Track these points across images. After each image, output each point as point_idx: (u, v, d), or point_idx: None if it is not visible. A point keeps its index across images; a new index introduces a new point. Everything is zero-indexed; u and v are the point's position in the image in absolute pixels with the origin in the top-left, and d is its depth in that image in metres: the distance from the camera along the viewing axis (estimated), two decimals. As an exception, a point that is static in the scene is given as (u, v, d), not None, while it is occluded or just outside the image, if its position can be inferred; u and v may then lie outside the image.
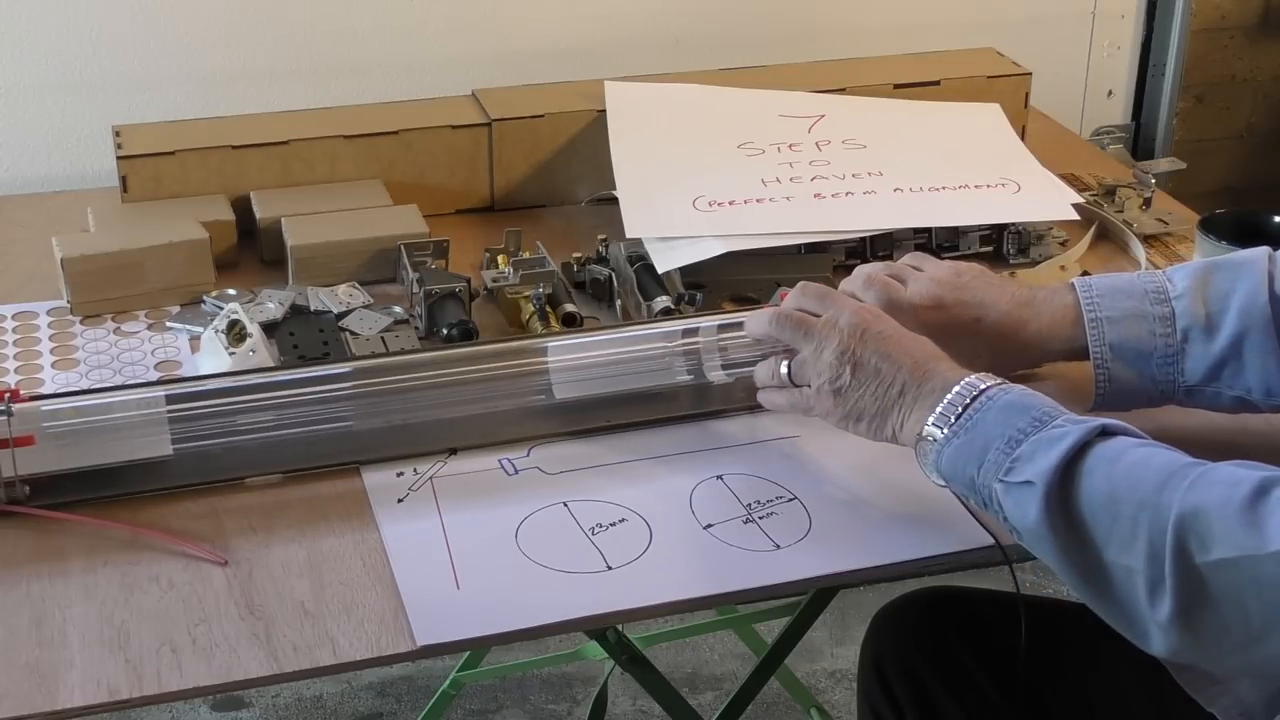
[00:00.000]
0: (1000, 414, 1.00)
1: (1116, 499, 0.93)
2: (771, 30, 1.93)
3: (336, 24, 1.80)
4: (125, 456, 1.11)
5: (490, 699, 2.12)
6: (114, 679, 0.95)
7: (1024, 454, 0.97)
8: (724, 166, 1.54)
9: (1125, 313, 1.14)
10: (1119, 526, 0.92)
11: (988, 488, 0.99)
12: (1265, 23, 2.13)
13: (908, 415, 1.05)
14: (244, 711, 2.11)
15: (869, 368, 1.08)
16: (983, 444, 0.99)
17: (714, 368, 1.21)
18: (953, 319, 1.17)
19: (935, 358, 1.07)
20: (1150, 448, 0.96)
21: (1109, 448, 0.96)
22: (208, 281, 1.41)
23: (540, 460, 1.17)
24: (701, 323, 1.22)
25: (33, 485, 1.09)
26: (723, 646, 2.22)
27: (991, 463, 0.98)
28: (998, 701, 1.24)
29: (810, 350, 1.11)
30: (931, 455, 1.03)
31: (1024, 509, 0.96)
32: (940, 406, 1.03)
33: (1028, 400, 1.01)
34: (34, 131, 1.76)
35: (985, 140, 1.63)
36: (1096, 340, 1.14)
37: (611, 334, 1.24)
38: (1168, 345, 1.13)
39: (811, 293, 1.14)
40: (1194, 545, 0.89)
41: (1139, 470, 0.93)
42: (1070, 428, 0.97)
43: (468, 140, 1.59)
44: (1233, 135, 2.19)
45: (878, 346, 1.08)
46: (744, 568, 1.06)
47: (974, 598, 1.32)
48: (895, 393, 1.06)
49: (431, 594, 1.02)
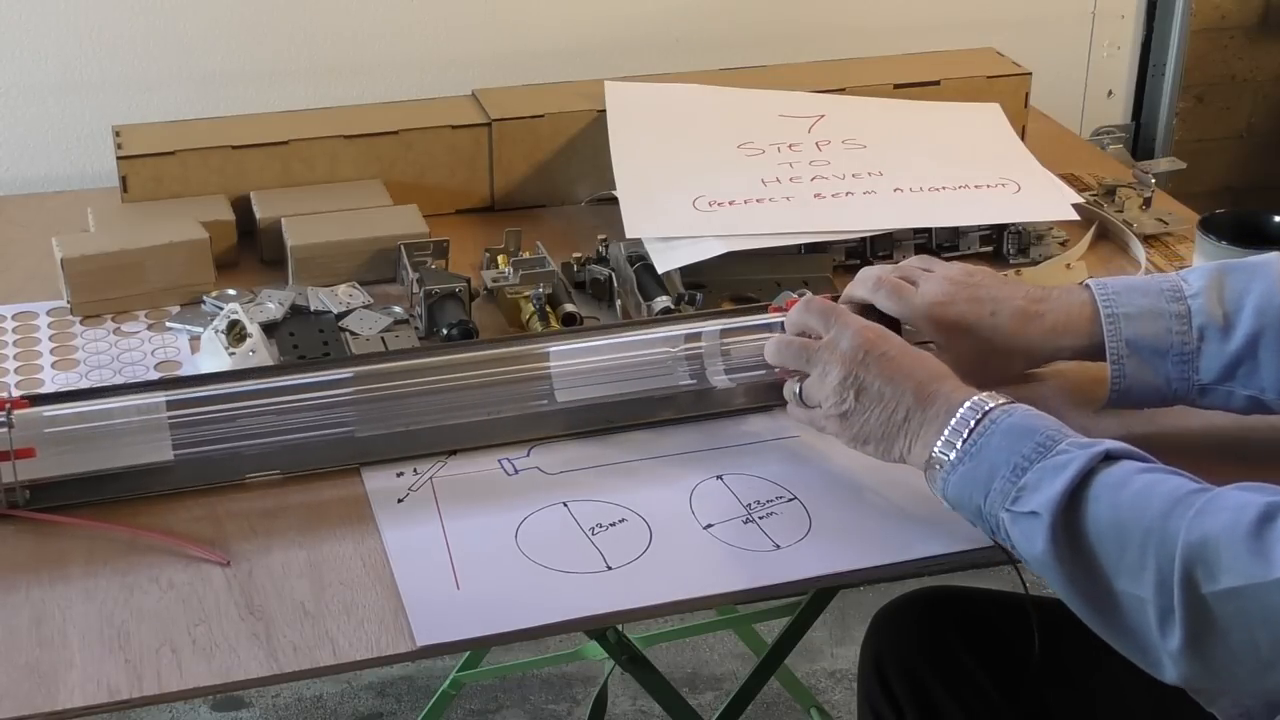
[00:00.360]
0: (1004, 439, 1.00)
1: (1123, 527, 0.93)
2: (771, 30, 1.93)
3: (336, 24, 1.80)
4: (126, 462, 1.11)
5: (490, 699, 2.12)
6: (114, 679, 0.95)
7: (1029, 482, 0.97)
8: (724, 166, 1.54)
9: (1142, 309, 1.14)
10: (1127, 555, 0.92)
11: (995, 516, 0.99)
12: (1265, 23, 2.13)
13: (915, 439, 1.05)
14: (244, 711, 2.11)
15: (872, 392, 1.08)
16: (988, 471, 0.99)
17: (717, 372, 1.21)
18: (966, 315, 1.17)
19: (938, 378, 1.07)
20: (1154, 473, 0.96)
21: (1113, 474, 0.95)
22: (208, 281, 1.41)
23: (540, 460, 1.17)
24: (704, 327, 1.22)
25: (32, 488, 1.09)
26: (723, 646, 2.22)
27: (998, 491, 0.98)
28: (998, 701, 1.24)
29: (816, 375, 1.11)
30: (938, 482, 1.03)
31: (1031, 539, 0.96)
32: (945, 432, 1.03)
33: (1031, 423, 1.01)
34: (34, 131, 1.76)
35: (985, 140, 1.63)
36: (1113, 336, 1.14)
37: (614, 338, 1.23)
38: (1184, 343, 1.13)
39: (814, 309, 1.14)
40: (1201, 575, 0.89)
41: (1144, 497, 0.93)
42: (1075, 453, 0.97)
43: (468, 140, 1.59)
44: (1233, 135, 2.19)
45: (881, 369, 1.08)
46: (744, 568, 1.06)
47: (974, 597, 1.32)
48: (900, 417, 1.06)
49: (431, 594, 1.02)
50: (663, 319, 1.29)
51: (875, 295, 1.19)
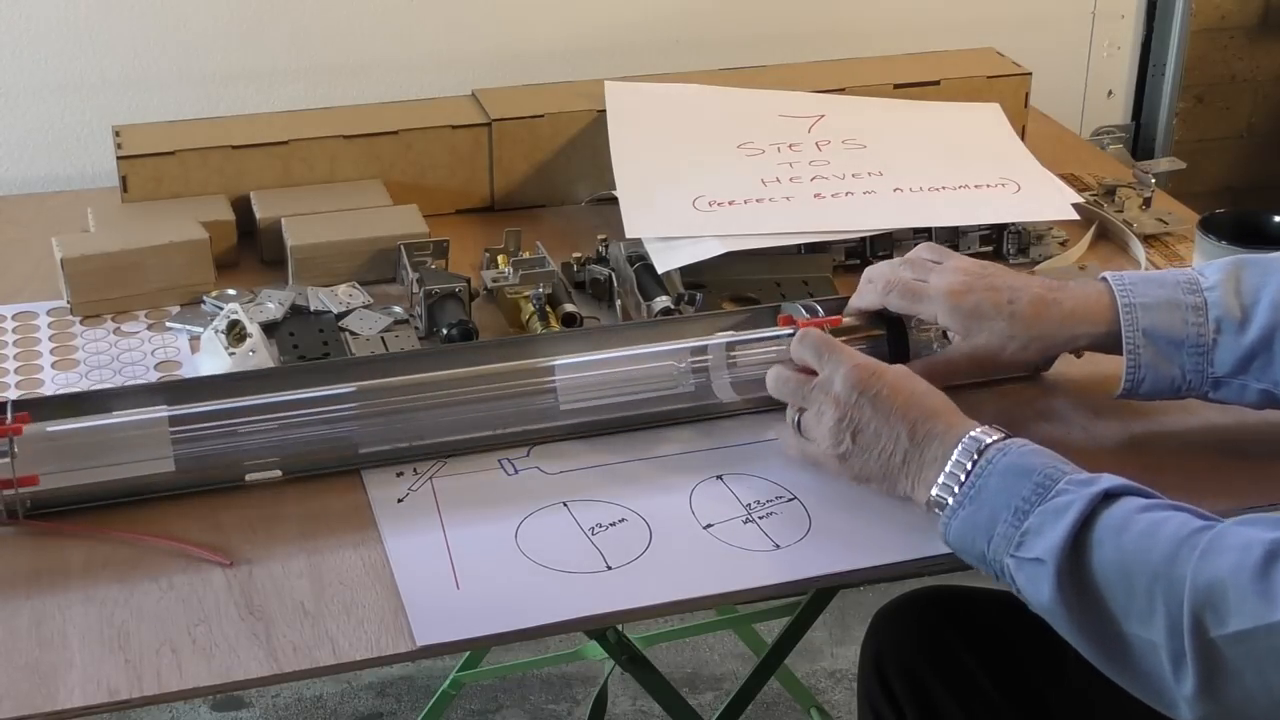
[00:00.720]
0: (1002, 479, 1.00)
1: (1129, 572, 0.93)
2: (771, 30, 1.93)
3: (336, 24, 1.80)
4: (127, 475, 1.10)
5: (490, 699, 2.12)
6: (114, 679, 0.95)
7: (1032, 526, 0.97)
8: (724, 166, 1.54)
9: (1159, 300, 1.14)
10: (1135, 601, 0.92)
11: (999, 562, 0.99)
12: (1265, 23, 2.13)
13: (916, 482, 1.05)
14: (244, 711, 2.11)
15: (868, 433, 1.08)
16: (989, 516, 0.99)
17: (723, 386, 1.21)
18: (983, 302, 1.16)
19: (931, 415, 1.06)
20: (1155, 510, 0.95)
21: (1114, 514, 0.95)
22: (208, 281, 1.41)
23: (540, 460, 1.17)
24: (710, 340, 1.22)
25: (33, 498, 1.09)
26: (723, 646, 2.22)
27: (1001, 537, 0.98)
28: (998, 701, 1.24)
29: (812, 413, 1.11)
30: (940, 528, 1.03)
31: (1038, 587, 0.96)
32: (942, 476, 1.03)
33: (1028, 461, 1.00)
34: (34, 131, 1.76)
35: (985, 140, 1.63)
36: (1130, 325, 1.13)
37: (619, 351, 1.21)
38: (1200, 335, 1.13)
39: (809, 344, 1.13)
40: (1210, 619, 0.89)
41: (1148, 539, 0.93)
42: (1074, 494, 0.96)
43: (468, 140, 1.59)
44: (1233, 135, 2.19)
45: (875, 410, 1.07)
46: (744, 568, 1.06)
47: (974, 597, 1.32)
48: (898, 460, 1.06)
49: (431, 594, 1.02)
50: (666, 323, 1.28)
51: (887, 299, 1.19)
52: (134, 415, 1.11)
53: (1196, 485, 1.12)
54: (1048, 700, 1.23)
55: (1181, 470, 1.16)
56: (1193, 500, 0.97)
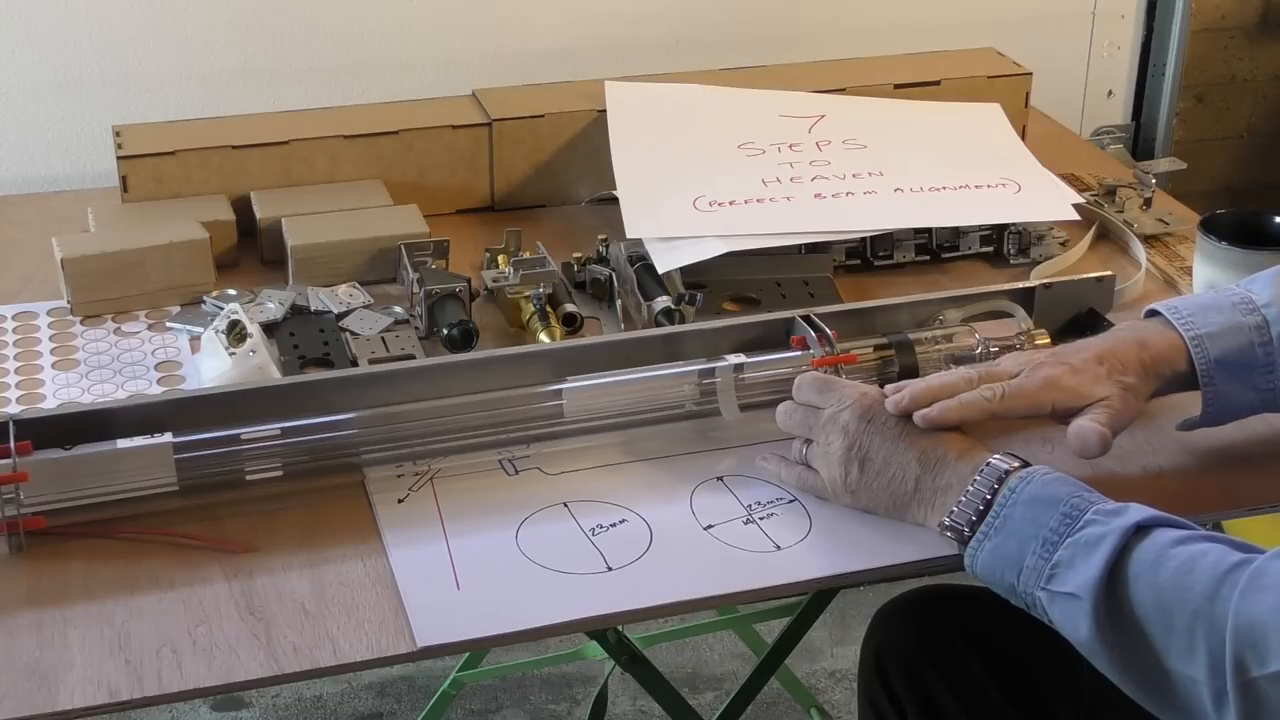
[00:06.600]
0: (1027, 510, 0.99)
1: (1168, 609, 0.92)
2: (771, 30, 1.93)
3: (336, 24, 1.80)
4: (130, 495, 1.09)
5: (490, 699, 2.12)
6: (114, 680, 0.95)
7: (1063, 559, 0.96)
8: (724, 166, 1.53)
9: (1222, 327, 1.12)
10: (1175, 638, 0.92)
11: (1030, 594, 0.98)
12: (1265, 23, 2.13)
13: (929, 508, 1.05)
14: (244, 712, 2.11)
15: (877, 461, 1.07)
16: (1017, 548, 0.98)
17: (731, 410, 1.20)
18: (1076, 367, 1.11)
19: (940, 441, 1.06)
20: (1191, 544, 0.94)
21: (1149, 549, 0.94)
22: (208, 281, 1.41)
23: (540, 460, 1.17)
24: (719, 364, 1.21)
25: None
26: (723, 646, 2.22)
27: (1031, 569, 0.98)
28: (998, 698, 1.24)
29: (820, 445, 1.11)
30: (965, 557, 1.02)
31: (1075, 624, 0.96)
32: (960, 502, 1.02)
33: (1052, 490, 0.99)
34: (34, 131, 1.76)
35: (985, 140, 1.63)
36: (1202, 358, 1.12)
37: (626, 374, 1.20)
38: (1267, 354, 1.12)
39: (807, 386, 1.13)
40: (1251, 659, 0.88)
41: (1185, 575, 0.92)
42: (1105, 525, 0.95)
43: (468, 140, 1.59)
44: (1233, 135, 2.19)
45: (884, 436, 1.07)
46: (744, 568, 1.06)
47: (975, 595, 1.32)
48: (910, 487, 1.06)
49: (431, 594, 1.02)
50: (673, 335, 1.25)
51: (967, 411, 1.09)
52: (138, 443, 1.10)
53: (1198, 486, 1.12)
54: (1048, 698, 1.23)
55: (1181, 473, 1.16)
56: (1193, 503, 0.97)
